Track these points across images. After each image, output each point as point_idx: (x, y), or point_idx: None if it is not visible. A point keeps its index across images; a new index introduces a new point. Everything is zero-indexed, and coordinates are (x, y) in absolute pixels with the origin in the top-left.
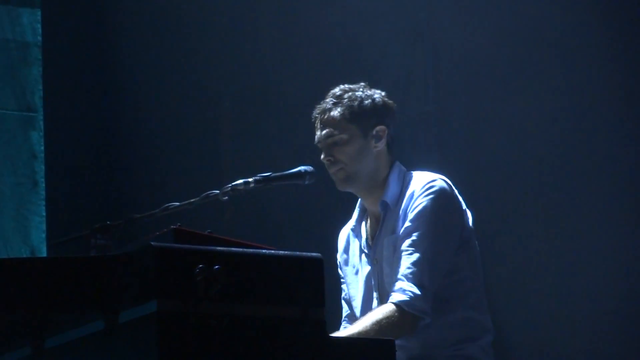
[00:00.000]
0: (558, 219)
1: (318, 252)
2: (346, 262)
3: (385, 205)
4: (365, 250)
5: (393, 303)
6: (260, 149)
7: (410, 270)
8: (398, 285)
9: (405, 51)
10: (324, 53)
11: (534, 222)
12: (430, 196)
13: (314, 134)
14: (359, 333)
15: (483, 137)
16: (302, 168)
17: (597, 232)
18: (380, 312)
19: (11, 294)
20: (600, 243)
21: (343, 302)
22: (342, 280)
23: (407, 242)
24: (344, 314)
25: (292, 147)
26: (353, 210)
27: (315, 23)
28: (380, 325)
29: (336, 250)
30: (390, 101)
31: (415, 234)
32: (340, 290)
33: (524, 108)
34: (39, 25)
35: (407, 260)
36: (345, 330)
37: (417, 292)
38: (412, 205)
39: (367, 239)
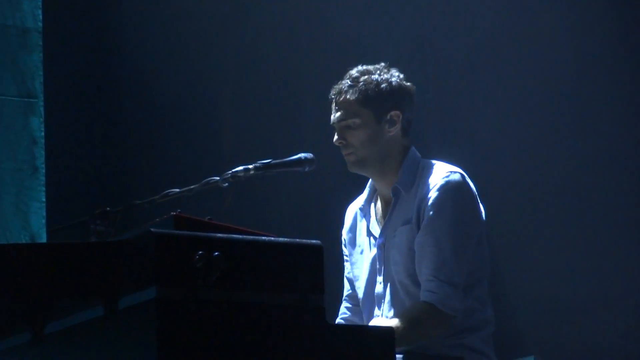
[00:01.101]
0: (563, 210)
1: (318, 239)
2: (352, 241)
3: (397, 191)
4: (373, 233)
5: (427, 302)
6: (261, 135)
7: (439, 269)
8: (430, 284)
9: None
10: (323, 41)
11: (537, 214)
12: (450, 192)
13: (316, 118)
14: (397, 328)
15: (483, 127)
16: (302, 155)
17: (605, 223)
18: (416, 310)
19: (11, 279)
20: (608, 233)
21: (345, 281)
22: (345, 258)
23: (430, 238)
24: (345, 293)
25: (292, 134)
26: (354, 197)
27: (315, 12)
28: (418, 323)
29: (342, 227)
30: (407, 84)
31: (437, 231)
32: (342, 268)
33: (525, 99)
34: (40, 12)
35: (434, 259)
36: (382, 323)
37: (450, 290)
38: (430, 198)
39: (376, 221)
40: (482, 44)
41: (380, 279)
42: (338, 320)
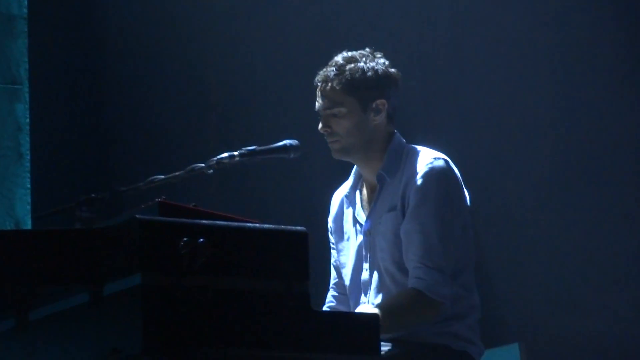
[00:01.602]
0: (550, 196)
1: (303, 226)
2: (338, 228)
3: (382, 178)
4: (359, 220)
5: (415, 288)
6: (246, 122)
7: (426, 256)
8: (417, 271)
9: (392, 26)
10: (309, 26)
11: (523, 199)
12: (435, 178)
13: (302, 105)
14: (384, 315)
15: (470, 111)
16: (287, 142)
17: (593, 209)
18: (404, 296)
19: None
20: (596, 220)
21: (332, 269)
22: (332, 245)
23: (416, 225)
24: (332, 281)
25: (278, 120)
26: (339, 183)
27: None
28: (407, 310)
29: (327, 214)
30: (393, 71)
31: (423, 218)
32: (328, 255)
33: (512, 85)
34: None
35: (421, 245)
36: (369, 309)
37: (437, 277)
38: (415, 185)
39: (361, 207)
40: (468, 28)
41: (366, 265)
42: (324, 309)
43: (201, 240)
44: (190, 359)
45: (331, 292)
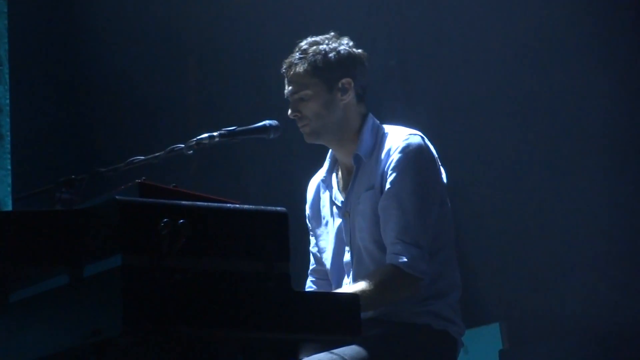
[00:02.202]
0: (529, 172)
1: (283, 206)
2: (315, 214)
3: (358, 159)
4: (337, 203)
5: (393, 264)
6: (226, 102)
7: (403, 231)
8: (395, 246)
9: (371, 6)
10: (289, 5)
11: (504, 175)
12: (411, 154)
13: (282, 86)
14: (363, 292)
15: (448, 91)
16: (266, 122)
17: (572, 185)
18: (382, 273)
19: None
20: (576, 195)
21: (311, 256)
22: (310, 232)
23: (394, 202)
24: (311, 267)
25: (257, 100)
26: (319, 164)
27: None
28: (385, 286)
29: (304, 202)
30: (357, 51)
31: (400, 193)
32: (307, 242)
33: (492, 62)
34: None
35: (398, 221)
36: (347, 289)
37: (415, 252)
38: (391, 164)
39: (338, 190)
40: (448, 6)
41: (347, 247)
42: None
43: (181, 221)
44: (170, 340)
45: (310, 278)
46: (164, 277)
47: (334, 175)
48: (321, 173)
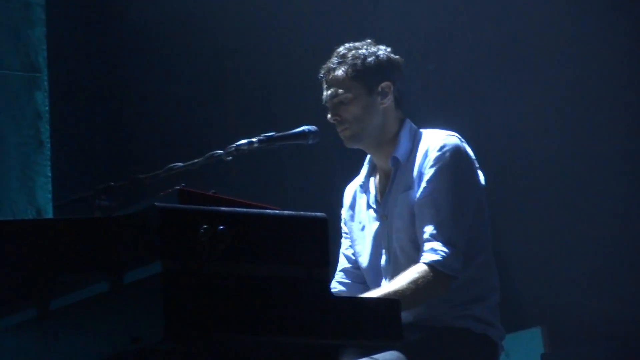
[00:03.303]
0: (568, 174)
1: (323, 212)
2: (352, 218)
3: (396, 161)
4: (374, 206)
5: (426, 263)
6: (265, 108)
7: (437, 230)
8: (428, 245)
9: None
10: (327, 11)
11: (543, 178)
12: (448, 154)
13: (322, 93)
14: (395, 292)
15: (485, 96)
16: (305, 128)
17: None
18: (415, 272)
19: (16, 255)
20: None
21: (341, 256)
22: (344, 235)
23: (429, 201)
24: (339, 267)
25: (296, 106)
26: (358, 170)
27: None
28: (417, 285)
29: (341, 206)
30: (395, 56)
31: (436, 192)
32: (339, 244)
33: (529, 67)
34: None
35: (432, 220)
36: (380, 289)
37: (448, 251)
38: (428, 163)
39: (375, 194)
40: (487, 13)
41: (384, 250)
42: None
43: (221, 227)
44: (210, 346)
45: (337, 279)
46: (204, 283)
47: (372, 179)
48: (359, 179)
